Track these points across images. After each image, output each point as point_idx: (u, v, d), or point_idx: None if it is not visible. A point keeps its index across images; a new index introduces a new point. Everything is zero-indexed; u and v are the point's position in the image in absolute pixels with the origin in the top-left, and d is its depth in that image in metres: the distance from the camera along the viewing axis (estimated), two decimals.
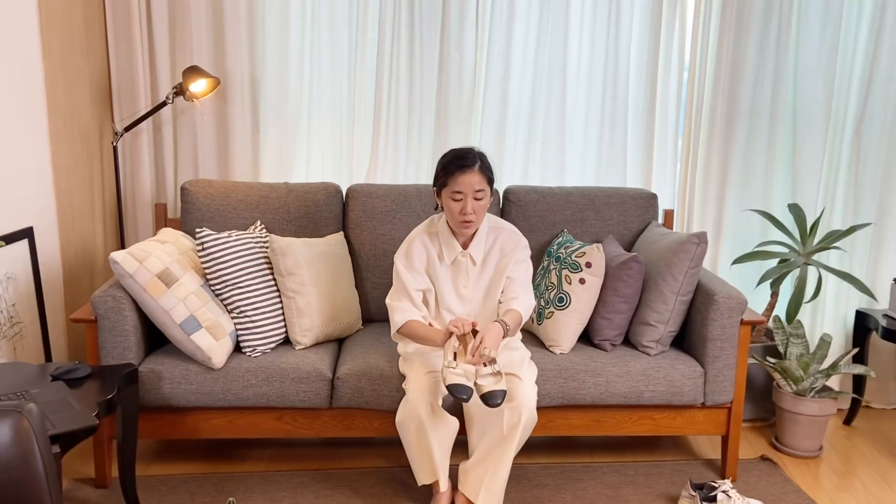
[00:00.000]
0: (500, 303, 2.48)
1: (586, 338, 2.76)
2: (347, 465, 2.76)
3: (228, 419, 2.56)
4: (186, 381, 2.49)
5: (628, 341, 2.77)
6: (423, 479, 2.43)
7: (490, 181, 2.40)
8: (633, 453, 2.90)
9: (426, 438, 2.32)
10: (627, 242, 3.07)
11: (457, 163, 2.36)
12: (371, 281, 2.99)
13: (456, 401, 2.29)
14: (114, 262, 2.42)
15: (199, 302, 2.51)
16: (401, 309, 2.43)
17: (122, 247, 3.13)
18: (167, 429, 2.56)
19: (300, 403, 2.53)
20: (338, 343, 2.82)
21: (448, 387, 2.16)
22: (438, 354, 2.40)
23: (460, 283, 2.49)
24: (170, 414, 2.54)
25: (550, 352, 2.68)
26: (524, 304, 2.45)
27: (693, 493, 2.44)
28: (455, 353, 2.24)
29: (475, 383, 2.20)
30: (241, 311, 2.59)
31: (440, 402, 2.33)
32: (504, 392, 2.18)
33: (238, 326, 2.59)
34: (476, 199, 2.35)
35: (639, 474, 2.73)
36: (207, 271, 2.57)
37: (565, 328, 2.67)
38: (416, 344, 2.46)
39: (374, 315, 2.99)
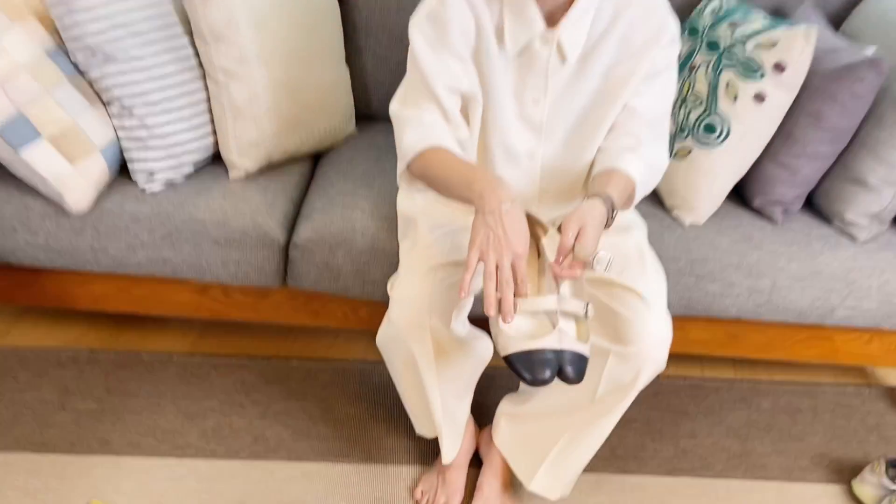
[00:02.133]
0: (598, 152, 1.26)
1: (736, 194, 1.58)
2: (319, 354, 1.77)
3: (118, 286, 1.53)
4: (27, 230, 1.41)
5: (812, 207, 1.59)
6: (421, 429, 1.44)
7: None
8: (764, 362, 1.86)
9: (420, 384, 1.28)
10: (832, 14, 1.73)
11: None
12: (374, 52, 1.74)
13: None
14: None
15: (39, 86, 1.33)
16: (416, 122, 1.19)
17: None
18: (14, 293, 1.55)
19: (231, 280, 1.46)
20: (310, 162, 1.67)
21: (509, 359, 1.03)
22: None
23: (528, 93, 1.22)
24: (18, 273, 1.51)
25: (674, 220, 1.52)
26: (647, 162, 1.21)
27: (891, 481, 1.43)
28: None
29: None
30: (127, 108, 1.41)
31: (456, 322, 1.21)
32: (586, 360, 1.06)
33: (123, 136, 1.43)
34: None
35: (778, 411, 1.71)
36: (63, 32, 1.36)
37: (709, 181, 1.48)
38: (434, 194, 1.24)
39: (376, 111, 1.79)
